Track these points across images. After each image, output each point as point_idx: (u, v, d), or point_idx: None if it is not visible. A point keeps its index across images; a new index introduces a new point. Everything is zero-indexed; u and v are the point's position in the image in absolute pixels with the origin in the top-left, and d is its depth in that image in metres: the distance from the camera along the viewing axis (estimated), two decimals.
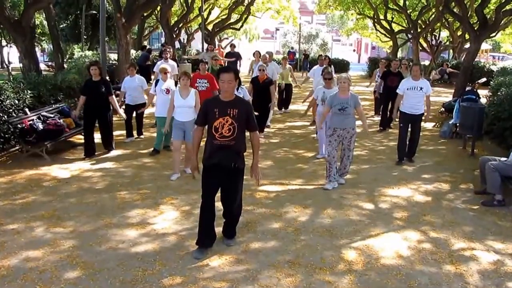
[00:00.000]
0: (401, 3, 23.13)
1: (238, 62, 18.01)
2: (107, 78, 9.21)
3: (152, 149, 8.26)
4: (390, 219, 5.39)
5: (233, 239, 4.71)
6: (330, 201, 5.92)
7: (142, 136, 9.42)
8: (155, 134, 9.68)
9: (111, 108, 8.16)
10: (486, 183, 5.94)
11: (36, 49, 35.27)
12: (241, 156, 4.45)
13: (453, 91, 14.71)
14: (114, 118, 8.63)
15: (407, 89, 7.60)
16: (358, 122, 6.60)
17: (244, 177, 4.61)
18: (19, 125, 7.52)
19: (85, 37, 22.98)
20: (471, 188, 6.54)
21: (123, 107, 9.32)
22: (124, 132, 9.30)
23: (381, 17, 25.27)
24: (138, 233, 4.91)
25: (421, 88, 7.54)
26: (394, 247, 4.66)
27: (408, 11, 23.26)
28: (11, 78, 10.52)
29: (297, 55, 29.52)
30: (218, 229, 4.71)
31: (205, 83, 8.63)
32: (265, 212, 5.53)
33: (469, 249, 4.64)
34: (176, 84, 8.56)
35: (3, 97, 7.71)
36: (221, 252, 4.47)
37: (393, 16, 26.28)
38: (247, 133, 4.43)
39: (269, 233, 4.92)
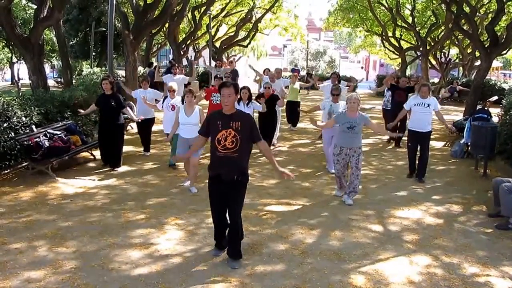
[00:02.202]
0: (409, 20, 23.15)
1: (236, 78, 18.07)
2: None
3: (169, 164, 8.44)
4: (400, 242, 5.23)
5: (238, 262, 4.58)
6: (338, 223, 5.78)
7: (147, 154, 9.36)
8: (160, 151, 9.69)
9: (123, 124, 8.34)
10: (500, 206, 5.77)
11: (46, 65, 35.83)
12: (244, 169, 4.49)
13: (463, 109, 14.57)
14: (129, 137, 8.73)
15: (415, 105, 7.61)
16: (364, 141, 6.54)
17: (251, 196, 4.50)
18: (25, 142, 7.50)
19: (94, 54, 23.19)
20: (484, 210, 6.36)
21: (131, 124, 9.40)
22: (132, 148, 9.33)
23: (390, 34, 25.28)
24: (142, 254, 4.80)
25: (428, 105, 7.51)
26: (404, 272, 4.49)
27: (417, 28, 23.24)
28: (21, 94, 10.57)
29: (302, 72, 29.53)
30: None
31: (219, 97, 8.68)
32: (271, 233, 5.39)
33: (483, 275, 4.47)
34: (183, 100, 8.59)
35: (10, 114, 7.72)
36: (226, 275, 4.34)
37: (402, 33, 26.28)
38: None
39: (275, 256, 4.78)
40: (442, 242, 5.25)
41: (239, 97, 7.61)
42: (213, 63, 21.01)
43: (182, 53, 23.55)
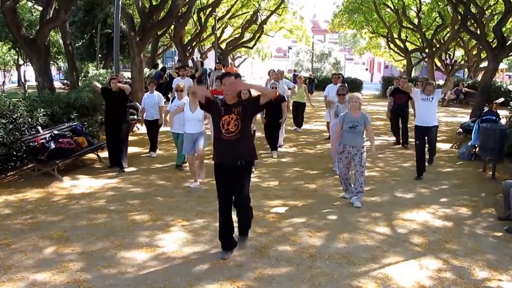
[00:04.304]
0: (415, 21, 23.04)
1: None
2: None
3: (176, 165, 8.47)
4: (409, 245, 5.16)
5: (246, 237, 4.99)
6: (345, 225, 5.72)
7: (154, 155, 9.35)
8: (166, 153, 9.66)
9: (128, 122, 8.52)
10: (510, 209, 5.69)
11: (52, 67, 35.83)
12: (251, 151, 4.69)
13: (469, 111, 14.48)
14: (135, 137, 8.82)
15: (421, 99, 7.75)
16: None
17: (258, 197, 4.46)
18: (31, 144, 7.48)
19: (100, 55, 23.23)
20: (493, 213, 6.27)
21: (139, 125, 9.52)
22: (138, 149, 9.40)
23: (395, 35, 25.18)
24: (148, 256, 4.75)
25: (432, 98, 7.67)
26: (414, 276, 4.42)
27: (423, 30, 23.13)
28: (27, 96, 10.59)
29: (305, 74, 29.52)
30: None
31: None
32: (278, 236, 5.34)
33: (495, 280, 4.39)
34: None
35: (16, 115, 7.71)
36: (233, 279, 4.28)
37: (407, 35, 26.17)
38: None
39: (283, 259, 4.72)
40: (451, 245, 5.17)
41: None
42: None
43: (187, 54, 23.55)
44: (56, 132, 8.08)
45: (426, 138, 7.81)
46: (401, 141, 10.77)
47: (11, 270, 4.38)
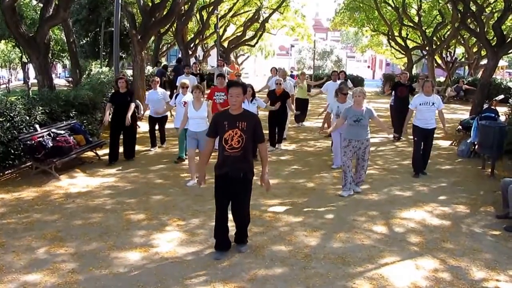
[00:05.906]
0: (416, 19, 22.94)
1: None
2: None
3: (177, 157, 8.69)
4: (406, 245, 5.10)
5: (245, 245, 4.84)
6: (342, 224, 5.66)
7: (164, 145, 9.81)
8: (165, 151, 9.63)
9: (136, 119, 8.77)
10: (508, 207, 5.62)
11: (58, 65, 35.65)
12: (250, 166, 4.61)
13: (469, 108, 14.39)
14: (137, 135, 9.00)
15: (420, 104, 7.74)
16: (371, 140, 6.55)
17: (255, 196, 4.41)
18: (28, 142, 7.45)
19: (104, 53, 23.19)
20: (492, 211, 6.20)
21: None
22: (141, 148, 9.50)
23: (396, 33, 25.09)
24: (141, 256, 4.71)
25: (433, 103, 7.67)
26: (410, 277, 4.36)
27: (423, 28, 23.03)
28: (30, 94, 10.60)
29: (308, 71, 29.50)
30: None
31: (223, 95, 8.93)
32: (274, 235, 5.29)
33: (492, 280, 4.32)
34: None
35: (13, 113, 7.68)
36: (226, 280, 4.23)
37: (408, 32, 26.07)
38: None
39: (277, 259, 4.67)
40: (449, 245, 5.11)
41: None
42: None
43: (190, 52, 23.49)
44: (54, 130, 8.06)
45: (423, 142, 7.79)
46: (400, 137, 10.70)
47: (2, 271, 4.34)
